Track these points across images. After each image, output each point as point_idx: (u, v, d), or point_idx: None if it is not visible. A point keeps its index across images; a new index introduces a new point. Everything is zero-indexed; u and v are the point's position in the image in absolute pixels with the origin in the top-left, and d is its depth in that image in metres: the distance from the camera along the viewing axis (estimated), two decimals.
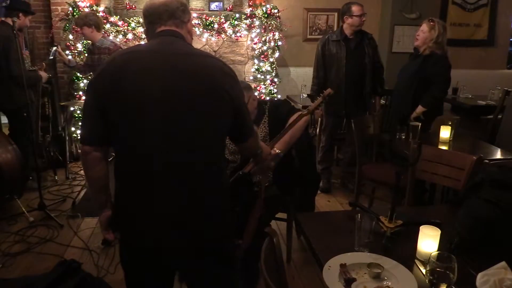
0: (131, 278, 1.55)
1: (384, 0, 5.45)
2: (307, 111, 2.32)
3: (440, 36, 3.33)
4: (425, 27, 3.37)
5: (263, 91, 5.01)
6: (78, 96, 4.69)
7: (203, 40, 4.93)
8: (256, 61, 5.02)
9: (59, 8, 4.81)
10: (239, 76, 4.96)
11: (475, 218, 1.56)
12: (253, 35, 4.97)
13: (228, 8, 5.12)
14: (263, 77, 5.02)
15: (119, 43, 4.30)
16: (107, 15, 4.67)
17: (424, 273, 1.37)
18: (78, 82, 4.73)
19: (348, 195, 3.90)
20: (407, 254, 1.50)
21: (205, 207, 1.40)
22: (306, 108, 2.45)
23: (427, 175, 2.61)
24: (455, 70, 3.64)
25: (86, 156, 1.42)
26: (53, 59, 4.52)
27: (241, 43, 5.07)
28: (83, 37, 4.30)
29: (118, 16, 4.73)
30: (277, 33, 4.96)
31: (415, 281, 1.33)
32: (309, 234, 1.66)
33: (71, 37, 4.68)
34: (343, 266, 1.39)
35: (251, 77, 5.05)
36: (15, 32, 3.19)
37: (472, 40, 5.71)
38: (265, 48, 4.96)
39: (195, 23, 4.77)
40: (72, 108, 4.62)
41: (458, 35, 5.56)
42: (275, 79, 5.07)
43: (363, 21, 3.64)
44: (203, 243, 1.43)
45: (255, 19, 4.89)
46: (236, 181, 2.13)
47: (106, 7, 4.82)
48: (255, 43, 5.00)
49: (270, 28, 4.92)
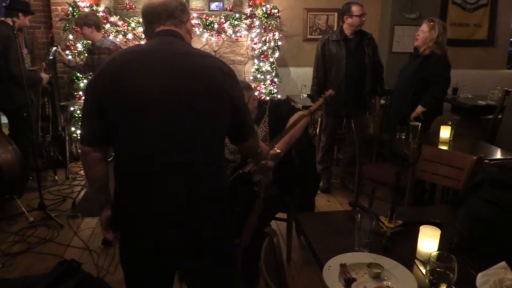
0: (131, 278, 1.56)
1: (384, 0, 5.45)
2: (308, 111, 2.32)
3: (440, 36, 3.33)
4: (425, 27, 3.37)
5: (263, 91, 5.01)
6: (78, 96, 4.69)
7: (203, 40, 4.93)
8: (256, 61, 5.02)
9: (59, 8, 4.81)
10: (239, 76, 4.96)
11: (475, 218, 1.56)
12: (253, 35, 4.97)
13: (228, 8, 5.12)
14: (263, 77, 5.02)
15: (119, 43, 4.30)
16: (107, 15, 4.68)
17: (424, 273, 1.37)
18: (78, 82, 4.73)
19: (348, 195, 3.90)
20: (407, 254, 1.50)
21: (204, 207, 1.40)
22: (307, 108, 2.45)
23: (427, 175, 2.62)
24: (455, 70, 3.63)
25: (85, 156, 1.42)
26: (53, 59, 4.52)
27: (241, 43, 5.07)
28: (83, 37, 4.30)
29: (118, 16, 4.74)
30: (277, 33, 4.95)
31: (415, 281, 1.33)
32: (309, 234, 1.66)
33: (71, 37, 4.68)
34: (343, 266, 1.39)
35: (251, 77, 5.05)
36: (15, 32, 3.19)
37: (472, 40, 5.71)
38: (265, 48, 4.96)
39: (195, 23, 4.77)
40: (72, 108, 4.62)
41: (458, 35, 5.56)
42: (275, 79, 5.07)
43: (363, 21, 3.65)
44: (203, 243, 1.43)
45: (255, 19, 4.89)
46: (236, 181, 2.13)
47: (106, 7, 4.82)
48: (255, 43, 5.00)
49: (270, 28, 4.92)
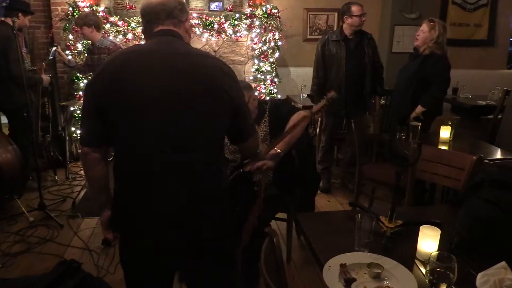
0: (131, 278, 1.55)
1: (384, 0, 5.45)
2: (310, 112, 2.31)
3: (440, 36, 3.33)
4: (425, 27, 3.37)
5: (263, 91, 5.01)
6: (78, 96, 4.69)
7: (203, 40, 4.93)
8: (256, 61, 5.02)
9: (59, 8, 4.81)
10: (239, 76, 4.96)
11: (475, 218, 1.56)
12: (253, 35, 4.97)
13: (228, 8, 5.12)
14: (263, 77, 5.02)
15: (119, 43, 4.30)
16: (107, 15, 4.68)
17: (424, 273, 1.37)
18: (78, 82, 4.73)
19: (348, 195, 3.89)
20: (407, 254, 1.50)
21: (204, 207, 1.40)
22: (307, 108, 2.45)
23: (427, 175, 2.62)
24: (455, 70, 3.63)
25: (85, 157, 1.43)
26: (53, 59, 4.52)
27: (241, 43, 5.07)
28: (83, 37, 4.30)
29: (118, 16, 4.74)
30: (277, 33, 4.96)
31: (415, 281, 1.33)
32: (309, 234, 1.66)
33: (71, 37, 4.68)
34: (343, 266, 1.38)
35: (251, 77, 5.04)
36: (15, 32, 3.19)
37: (472, 40, 5.71)
38: (265, 48, 4.96)
39: (195, 23, 4.77)
40: (72, 108, 4.62)
41: (458, 35, 5.56)
42: (275, 79, 5.07)
43: (363, 21, 3.65)
44: (203, 243, 1.43)
45: (255, 19, 4.89)
46: (235, 180, 2.13)
47: (106, 7, 4.82)
48: (255, 43, 5.00)
49: (270, 28, 4.92)
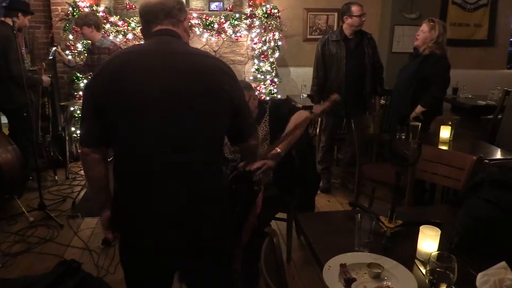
0: (131, 278, 1.55)
1: (384, 0, 5.45)
2: (314, 114, 2.32)
3: (440, 36, 3.33)
4: (425, 27, 3.37)
5: (263, 91, 5.01)
6: (78, 96, 4.69)
7: (203, 40, 4.93)
8: (256, 61, 5.02)
9: (59, 8, 4.81)
10: (239, 76, 4.96)
11: (475, 218, 1.56)
12: (253, 35, 4.97)
13: (228, 8, 5.12)
14: (263, 77, 5.02)
15: (119, 43, 4.30)
16: (107, 15, 4.68)
17: (424, 273, 1.37)
18: (78, 82, 4.73)
19: (348, 195, 3.89)
20: (407, 254, 1.50)
21: (204, 207, 1.40)
22: (307, 108, 2.46)
23: (427, 175, 2.62)
24: (455, 70, 3.63)
25: (85, 157, 1.43)
26: (53, 59, 4.52)
27: (241, 43, 5.06)
28: (83, 37, 4.30)
29: (118, 16, 4.73)
30: (277, 33, 4.95)
31: (415, 281, 1.33)
32: (309, 234, 1.66)
33: (71, 37, 4.68)
34: (343, 266, 1.38)
35: (251, 77, 5.04)
36: (15, 32, 3.19)
37: (472, 40, 5.70)
38: (265, 48, 4.96)
39: (195, 23, 4.77)
40: (72, 108, 4.62)
41: (458, 35, 5.56)
42: (275, 79, 5.07)
43: (362, 21, 3.65)
44: (202, 243, 1.43)
45: (255, 19, 4.88)
46: (235, 180, 2.13)
47: (106, 7, 4.82)
48: (255, 43, 5.00)
49: (270, 28, 4.92)
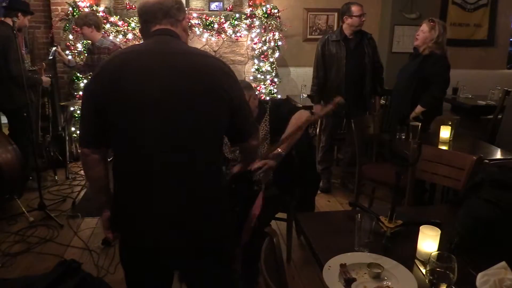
0: (131, 278, 1.55)
1: (384, 0, 5.45)
2: (317, 116, 2.33)
3: (440, 36, 3.33)
4: (425, 27, 3.36)
5: (263, 91, 5.01)
6: (78, 96, 4.68)
7: (203, 40, 4.93)
8: (256, 61, 5.02)
9: (59, 8, 4.81)
10: (239, 76, 4.95)
11: (475, 218, 1.56)
12: (253, 35, 4.97)
13: (228, 8, 5.12)
14: (263, 77, 5.02)
15: (119, 43, 4.30)
16: (107, 15, 4.67)
17: (424, 273, 1.37)
18: (78, 82, 4.73)
19: (348, 195, 3.89)
20: (407, 254, 1.50)
21: (204, 207, 1.40)
22: (307, 108, 2.47)
23: (427, 175, 2.61)
24: (455, 70, 3.63)
25: (85, 158, 1.43)
26: (53, 59, 4.52)
27: (241, 43, 5.06)
28: (83, 37, 4.30)
29: (118, 16, 4.73)
30: (277, 33, 4.95)
31: (415, 281, 1.33)
32: (309, 234, 1.66)
33: (71, 37, 4.68)
34: (343, 266, 1.38)
35: (251, 77, 5.04)
36: (15, 32, 3.20)
37: (472, 40, 5.70)
38: (265, 48, 4.96)
39: (195, 23, 4.77)
40: (72, 108, 4.62)
41: (458, 35, 5.56)
42: (275, 79, 5.07)
43: (362, 21, 3.65)
44: (202, 243, 1.43)
45: (255, 19, 4.88)
46: (235, 180, 2.13)
47: (106, 7, 4.82)
48: (255, 43, 5.00)
49: (270, 28, 4.92)
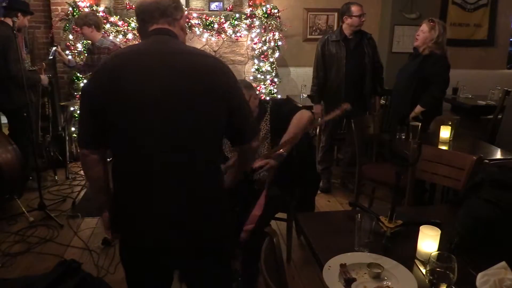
0: (131, 278, 1.55)
1: (384, 0, 5.45)
2: (323, 120, 2.34)
3: (440, 36, 3.33)
4: (425, 27, 3.36)
5: (263, 91, 5.00)
6: (78, 96, 4.68)
7: (203, 40, 4.92)
8: (256, 61, 5.02)
9: (59, 8, 4.81)
10: (239, 76, 4.97)
11: (475, 218, 1.56)
12: (253, 35, 4.97)
13: (228, 8, 5.11)
14: (263, 77, 5.01)
15: (119, 43, 4.30)
16: (107, 15, 4.67)
17: (424, 273, 1.37)
18: (78, 82, 4.73)
19: (348, 195, 3.89)
20: (407, 254, 1.50)
21: (204, 207, 1.40)
22: (307, 108, 2.48)
23: (427, 175, 2.61)
24: (455, 70, 3.63)
25: (84, 158, 1.43)
26: (53, 59, 4.52)
27: (241, 43, 5.06)
28: (83, 37, 4.30)
29: (118, 16, 4.73)
30: (277, 33, 4.95)
31: (415, 281, 1.33)
32: (309, 234, 1.66)
33: (71, 37, 4.68)
34: (343, 266, 1.38)
35: (251, 77, 5.04)
36: (14, 32, 3.19)
37: (472, 40, 5.70)
38: (265, 48, 4.96)
39: (195, 23, 4.77)
40: (72, 108, 4.62)
41: (458, 35, 5.56)
42: (275, 79, 5.07)
43: (362, 21, 3.65)
44: (203, 243, 1.43)
45: (255, 19, 4.88)
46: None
47: (106, 7, 4.81)
48: (255, 43, 5.00)
49: (270, 28, 4.92)
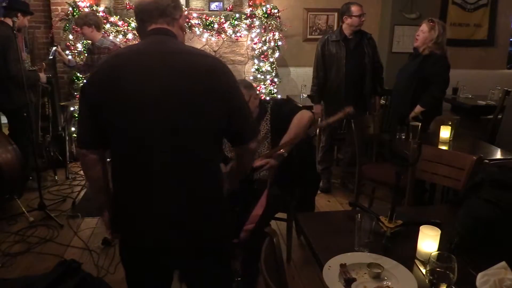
0: (131, 278, 1.55)
1: (384, 0, 5.45)
2: (326, 123, 2.39)
3: (440, 37, 3.33)
4: (425, 27, 3.36)
5: (263, 91, 5.00)
6: (78, 96, 4.67)
7: (203, 40, 4.92)
8: (256, 61, 5.02)
9: (59, 8, 4.81)
10: (239, 76, 4.97)
11: (475, 218, 1.56)
12: (253, 35, 4.97)
13: (228, 8, 5.11)
14: (263, 77, 5.01)
15: (119, 43, 4.30)
16: (107, 15, 4.67)
17: (424, 273, 1.37)
18: (78, 82, 4.73)
19: (348, 195, 3.89)
20: (407, 254, 1.50)
21: (204, 207, 1.40)
22: (307, 108, 2.51)
23: (427, 175, 2.61)
24: (455, 70, 3.63)
25: (83, 158, 1.43)
26: (53, 59, 4.52)
27: (241, 43, 5.06)
28: (83, 37, 4.30)
29: (118, 16, 4.73)
30: (277, 33, 4.95)
31: (415, 281, 1.33)
32: (309, 234, 1.66)
33: (71, 37, 4.68)
34: (343, 266, 1.38)
35: (251, 77, 5.04)
36: (14, 32, 3.19)
37: (472, 40, 5.70)
38: (265, 48, 4.96)
39: (195, 23, 4.77)
40: (72, 108, 4.62)
41: (458, 35, 5.56)
42: (275, 79, 5.07)
43: (362, 21, 3.65)
44: (203, 243, 1.43)
45: (255, 19, 4.88)
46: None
47: (106, 7, 4.81)
48: (255, 43, 5.00)
49: (270, 28, 4.91)
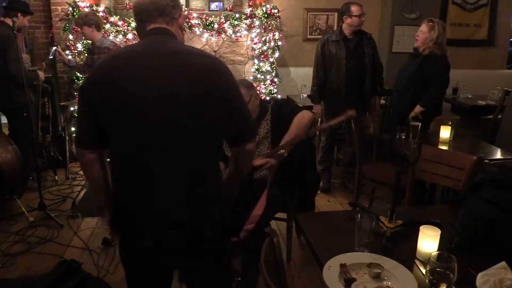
0: (131, 278, 1.55)
1: (384, 0, 5.45)
2: (327, 125, 2.40)
3: (440, 37, 3.33)
4: (424, 27, 3.36)
5: (263, 91, 5.00)
6: (78, 96, 4.67)
7: (203, 40, 4.93)
8: (256, 61, 5.02)
9: (59, 8, 4.81)
10: (239, 76, 4.97)
11: (475, 218, 1.56)
12: (253, 35, 4.97)
13: (228, 8, 5.11)
14: (263, 77, 5.01)
15: (119, 43, 4.30)
16: (107, 15, 4.67)
17: (424, 273, 1.37)
18: (78, 82, 4.72)
19: (348, 195, 3.89)
20: (407, 254, 1.50)
21: (204, 206, 1.40)
22: (308, 108, 2.50)
23: (427, 175, 2.62)
24: (455, 70, 3.63)
25: (83, 158, 1.43)
26: (53, 59, 4.52)
27: (241, 43, 5.06)
28: (83, 37, 4.30)
29: (118, 16, 4.73)
30: (277, 33, 4.95)
31: (415, 281, 1.33)
32: (309, 234, 1.66)
33: (71, 37, 4.68)
34: (343, 266, 1.39)
35: (251, 77, 5.04)
36: (14, 32, 3.19)
37: (472, 40, 5.70)
38: (265, 48, 4.96)
39: (195, 23, 4.77)
40: (72, 108, 4.61)
41: (458, 35, 5.56)
42: (275, 79, 5.07)
43: (362, 21, 3.65)
44: (203, 243, 1.43)
45: (255, 19, 4.88)
46: None
47: (106, 7, 4.81)
48: (255, 43, 5.00)
49: (270, 28, 4.92)
